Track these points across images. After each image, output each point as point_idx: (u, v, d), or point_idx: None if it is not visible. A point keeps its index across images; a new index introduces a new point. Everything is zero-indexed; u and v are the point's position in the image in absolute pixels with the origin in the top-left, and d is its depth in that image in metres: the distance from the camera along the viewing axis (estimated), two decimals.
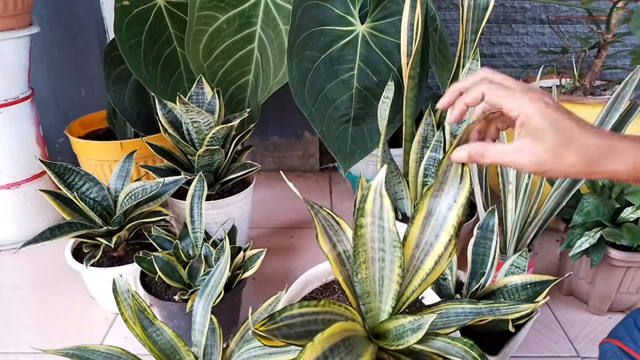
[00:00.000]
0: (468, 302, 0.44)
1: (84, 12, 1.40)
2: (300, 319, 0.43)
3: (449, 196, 0.43)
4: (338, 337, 0.40)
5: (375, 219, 0.43)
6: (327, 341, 0.38)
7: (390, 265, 0.43)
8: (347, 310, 0.45)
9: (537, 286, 0.66)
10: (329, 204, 1.40)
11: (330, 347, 0.38)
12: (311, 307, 0.43)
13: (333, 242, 0.48)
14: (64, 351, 0.56)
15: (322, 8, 0.96)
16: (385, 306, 0.44)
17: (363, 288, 0.45)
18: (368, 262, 0.44)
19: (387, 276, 0.43)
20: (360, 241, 0.43)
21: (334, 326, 0.39)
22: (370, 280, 0.44)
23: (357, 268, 0.44)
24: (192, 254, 0.89)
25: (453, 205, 0.43)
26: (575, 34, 1.52)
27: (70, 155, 1.31)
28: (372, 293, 0.45)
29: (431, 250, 0.42)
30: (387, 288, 0.44)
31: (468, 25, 0.83)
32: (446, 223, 0.43)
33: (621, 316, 0.91)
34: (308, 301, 0.43)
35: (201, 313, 0.62)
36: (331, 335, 0.39)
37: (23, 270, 1.11)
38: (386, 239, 0.42)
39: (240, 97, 1.11)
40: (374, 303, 0.45)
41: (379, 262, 0.44)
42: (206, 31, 1.02)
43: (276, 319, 0.41)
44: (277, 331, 0.41)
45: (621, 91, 0.74)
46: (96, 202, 0.89)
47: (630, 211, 0.84)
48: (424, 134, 0.92)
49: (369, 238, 0.43)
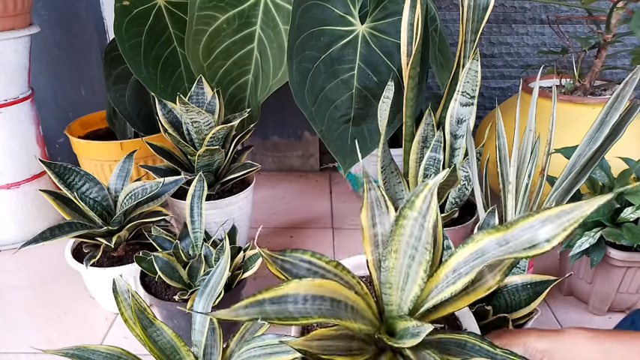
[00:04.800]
0: (489, 345, 0.43)
1: (84, 12, 1.40)
2: (307, 265, 0.44)
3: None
4: (331, 295, 0.40)
5: (420, 216, 0.42)
6: (314, 289, 0.39)
7: (416, 266, 0.43)
8: (360, 286, 0.46)
9: (538, 286, 0.66)
10: (329, 204, 1.40)
11: (313, 295, 0.38)
12: (322, 261, 0.44)
13: (374, 222, 0.48)
14: (64, 351, 0.56)
15: (322, 8, 0.96)
16: (404, 306, 0.44)
17: (388, 277, 0.45)
18: (399, 254, 0.44)
19: (412, 276, 0.43)
20: (398, 230, 0.43)
21: (329, 283, 0.40)
22: (396, 273, 0.44)
23: (387, 254, 0.44)
24: (192, 254, 0.89)
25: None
26: (575, 34, 1.52)
27: (70, 155, 1.31)
28: (395, 287, 0.45)
29: (460, 280, 0.41)
30: (410, 287, 0.43)
31: (468, 25, 0.82)
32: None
33: (621, 316, 0.91)
34: (321, 255, 0.44)
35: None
36: (323, 288, 0.39)
37: (23, 270, 1.11)
38: (422, 239, 0.42)
39: (240, 96, 1.11)
40: (395, 297, 0.45)
41: (409, 258, 0.43)
42: (206, 30, 1.02)
43: (285, 254, 0.43)
44: (282, 262, 0.43)
45: (621, 91, 0.74)
46: (96, 202, 0.89)
47: (630, 211, 0.84)
48: (424, 134, 0.92)
49: (407, 231, 0.43)
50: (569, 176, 0.74)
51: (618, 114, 0.73)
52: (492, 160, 0.90)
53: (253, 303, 0.35)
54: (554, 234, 0.34)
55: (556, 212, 0.34)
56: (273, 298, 0.36)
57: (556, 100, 0.76)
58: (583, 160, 0.72)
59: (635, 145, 1.01)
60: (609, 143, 0.71)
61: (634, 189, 0.84)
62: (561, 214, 0.34)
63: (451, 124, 0.89)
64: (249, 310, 0.35)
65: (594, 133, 0.73)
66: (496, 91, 1.62)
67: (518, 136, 0.78)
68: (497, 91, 1.62)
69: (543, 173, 0.77)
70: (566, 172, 0.75)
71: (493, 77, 1.60)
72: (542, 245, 0.34)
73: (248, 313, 0.35)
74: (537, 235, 0.35)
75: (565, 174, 0.75)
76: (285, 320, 0.36)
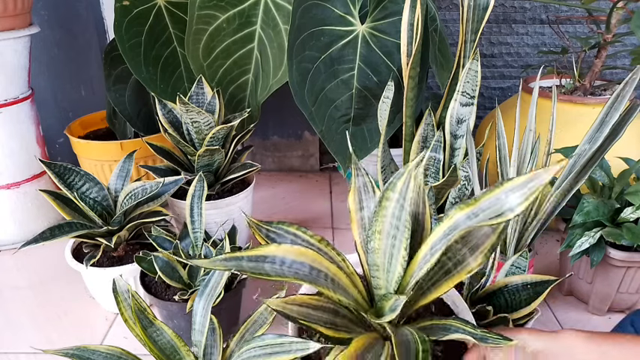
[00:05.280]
0: (471, 327, 0.44)
1: (84, 12, 1.40)
2: (292, 237, 0.46)
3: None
4: (315, 266, 0.41)
5: (400, 197, 0.44)
6: (293, 255, 0.41)
7: (398, 245, 0.44)
8: (345, 264, 0.47)
9: (538, 286, 0.66)
10: (329, 204, 1.40)
11: (292, 260, 0.41)
12: (306, 235, 0.47)
13: (361, 205, 0.50)
14: (64, 351, 0.56)
15: (322, 8, 0.96)
16: (390, 287, 0.45)
17: (374, 259, 0.46)
18: (382, 235, 0.45)
19: (395, 255, 0.45)
20: (382, 211, 0.45)
21: (309, 252, 0.41)
22: (381, 253, 0.45)
23: (372, 235, 0.45)
24: (193, 254, 0.89)
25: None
26: (575, 34, 1.52)
27: (70, 155, 1.31)
28: (382, 269, 0.46)
29: (434, 256, 0.42)
30: (394, 268, 0.45)
31: (467, 25, 0.82)
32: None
33: (621, 317, 0.91)
34: (306, 229, 0.47)
35: (201, 313, 0.62)
36: (303, 255, 0.41)
37: (23, 270, 1.11)
38: (402, 218, 0.43)
39: (240, 96, 1.11)
40: (382, 280, 0.46)
41: (392, 238, 0.45)
42: (206, 30, 1.02)
43: (272, 225, 0.47)
44: (267, 231, 0.46)
45: (621, 91, 0.74)
46: (96, 202, 0.89)
47: (630, 211, 0.84)
48: (424, 134, 0.92)
49: (390, 212, 0.44)
50: (569, 176, 0.74)
51: (618, 114, 0.73)
52: (492, 160, 0.90)
53: (232, 258, 0.38)
54: (517, 202, 0.35)
55: (519, 182, 0.36)
56: (252, 257, 0.39)
57: (556, 100, 0.76)
58: (583, 160, 0.72)
59: (635, 145, 1.01)
60: (609, 143, 0.71)
61: (634, 189, 0.84)
62: (524, 184, 0.36)
63: (451, 124, 0.89)
64: (226, 263, 0.38)
65: (594, 133, 0.73)
66: (496, 91, 1.62)
67: (518, 136, 0.78)
68: (497, 91, 1.62)
69: None
70: (566, 172, 0.75)
71: (493, 77, 1.60)
72: (507, 214, 0.35)
73: (225, 264, 0.38)
74: (503, 204, 0.36)
75: (565, 174, 0.75)
76: (260, 276, 0.38)
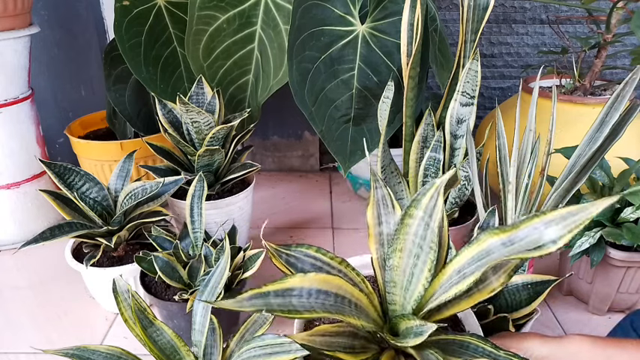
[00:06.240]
0: (492, 346, 0.43)
1: (84, 12, 1.40)
2: (312, 261, 0.45)
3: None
4: (333, 288, 0.40)
5: (426, 215, 0.42)
6: (319, 284, 0.38)
7: (421, 265, 0.42)
8: (364, 284, 0.45)
9: (538, 286, 0.66)
10: (329, 204, 1.40)
11: (317, 290, 0.38)
12: (327, 257, 0.45)
13: (380, 220, 0.48)
14: (64, 351, 0.56)
15: (322, 8, 0.96)
16: (408, 305, 0.44)
17: (392, 276, 0.44)
18: (404, 252, 0.43)
19: (416, 275, 0.43)
20: (404, 229, 0.43)
21: (334, 278, 0.40)
22: (401, 272, 0.44)
23: (392, 253, 0.44)
24: (192, 254, 0.89)
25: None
26: (575, 34, 1.52)
27: (70, 155, 1.31)
28: (399, 286, 0.44)
29: (464, 280, 0.41)
30: (414, 287, 0.43)
31: (468, 25, 0.82)
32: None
33: (621, 316, 0.91)
34: (326, 251, 0.45)
35: (201, 313, 0.62)
36: (328, 283, 0.39)
37: (23, 270, 1.11)
38: (427, 238, 0.42)
39: (240, 97, 1.11)
40: (399, 296, 0.45)
41: (414, 257, 0.43)
42: (206, 30, 1.02)
43: (291, 248, 0.45)
44: (287, 256, 0.45)
45: (621, 91, 0.74)
46: (96, 202, 0.89)
47: (630, 211, 0.84)
48: (424, 134, 0.92)
49: (413, 230, 0.43)
50: (569, 176, 0.74)
51: (618, 114, 0.73)
52: (492, 160, 0.90)
53: (258, 295, 0.35)
54: (559, 235, 0.34)
55: (562, 214, 0.34)
56: (278, 291, 0.36)
57: (556, 100, 0.76)
58: (583, 160, 0.72)
59: (635, 145, 1.01)
60: (609, 143, 0.71)
61: (634, 189, 0.84)
62: (567, 216, 0.34)
63: (451, 124, 0.89)
64: (253, 302, 0.34)
65: (594, 133, 0.73)
66: (496, 91, 1.62)
67: (518, 136, 0.78)
68: (497, 91, 1.62)
69: (543, 173, 0.77)
70: (566, 172, 0.75)
71: (493, 77, 1.60)
72: (549, 246, 0.34)
73: (253, 304, 0.34)
74: (542, 236, 0.35)
75: (565, 174, 0.75)
76: (289, 314, 0.35)
